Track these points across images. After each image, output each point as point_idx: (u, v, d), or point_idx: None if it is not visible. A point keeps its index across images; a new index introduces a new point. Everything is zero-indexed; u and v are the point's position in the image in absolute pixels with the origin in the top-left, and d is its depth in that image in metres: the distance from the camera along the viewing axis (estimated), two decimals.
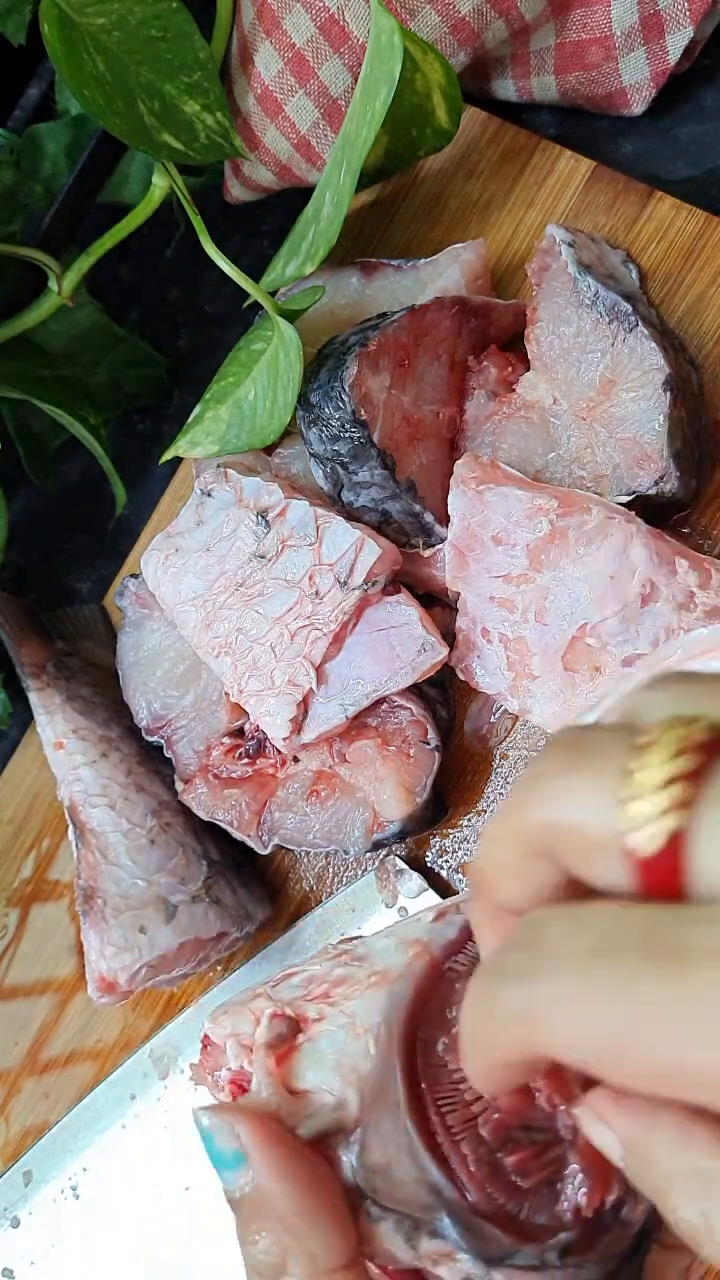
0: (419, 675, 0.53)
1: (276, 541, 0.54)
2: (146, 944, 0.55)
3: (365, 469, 0.53)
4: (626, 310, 0.51)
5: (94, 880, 0.57)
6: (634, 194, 0.58)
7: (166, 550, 0.58)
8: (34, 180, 0.63)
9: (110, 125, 0.54)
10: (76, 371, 0.66)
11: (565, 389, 0.54)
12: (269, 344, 0.55)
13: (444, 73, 0.55)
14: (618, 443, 0.52)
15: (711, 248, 0.57)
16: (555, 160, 0.60)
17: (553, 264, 0.54)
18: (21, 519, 0.73)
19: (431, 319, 0.54)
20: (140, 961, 0.55)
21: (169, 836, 0.59)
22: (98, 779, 0.60)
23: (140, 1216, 0.59)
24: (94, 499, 0.72)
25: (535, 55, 0.60)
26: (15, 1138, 0.64)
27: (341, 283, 0.60)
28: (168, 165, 0.57)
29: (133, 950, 0.55)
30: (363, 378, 0.52)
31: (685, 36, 0.56)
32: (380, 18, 0.50)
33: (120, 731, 0.62)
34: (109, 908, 0.56)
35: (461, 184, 0.62)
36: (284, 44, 0.57)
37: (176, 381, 0.71)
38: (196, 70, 0.55)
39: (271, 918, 0.60)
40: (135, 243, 0.62)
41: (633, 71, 0.58)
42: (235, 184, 0.65)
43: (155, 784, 0.60)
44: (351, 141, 0.53)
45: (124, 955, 0.55)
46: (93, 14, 0.52)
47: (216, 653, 0.56)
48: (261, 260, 0.63)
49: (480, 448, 0.56)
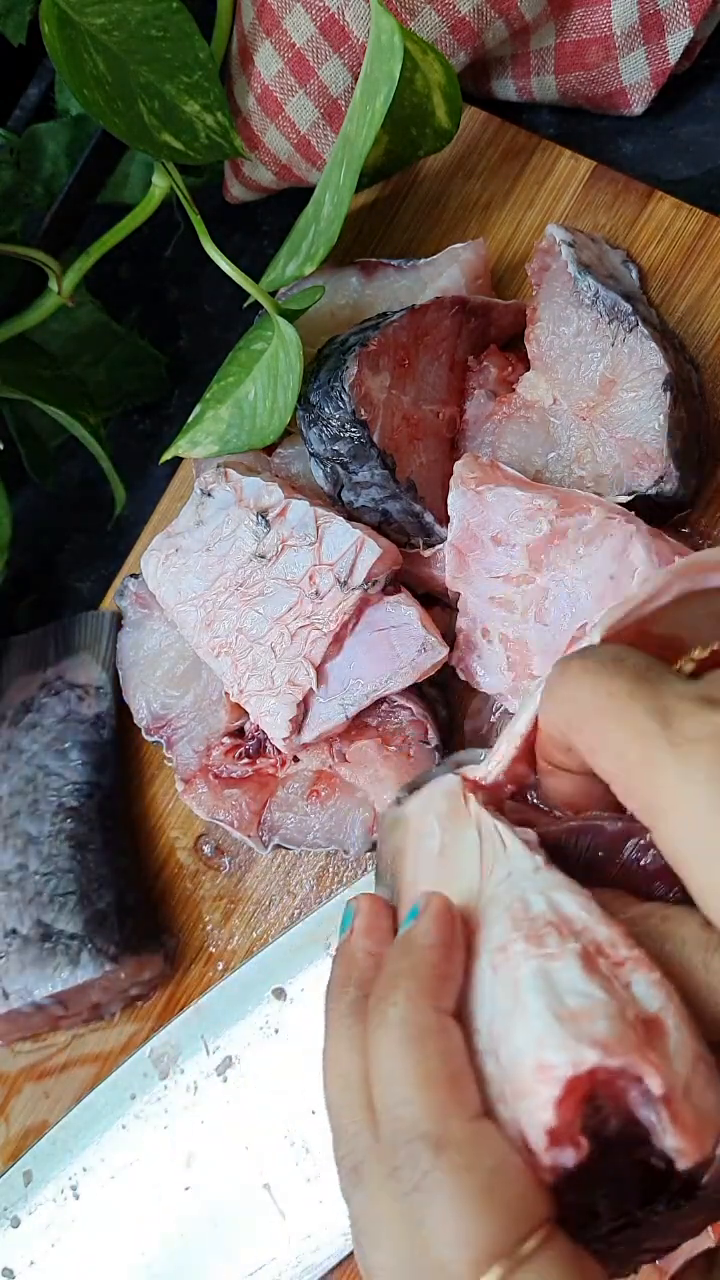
0: (419, 675, 0.53)
1: (276, 541, 0.54)
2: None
3: (365, 469, 0.53)
4: (626, 310, 0.51)
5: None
6: (634, 194, 0.58)
7: (166, 550, 0.58)
8: (34, 180, 0.63)
9: (110, 125, 0.54)
10: (76, 371, 0.66)
11: (565, 389, 0.54)
12: (269, 344, 0.55)
13: (444, 73, 0.55)
14: (618, 443, 0.52)
15: (711, 248, 0.57)
16: (555, 160, 0.60)
17: (553, 264, 0.54)
18: (21, 519, 0.73)
19: (431, 319, 0.54)
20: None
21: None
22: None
23: (140, 1216, 0.59)
24: (94, 499, 0.71)
25: (535, 55, 0.60)
26: (15, 1138, 0.64)
27: (341, 283, 0.60)
28: (168, 165, 0.57)
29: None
30: (363, 378, 0.52)
31: (685, 36, 0.56)
32: (380, 18, 0.50)
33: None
34: None
35: (461, 184, 0.62)
36: (284, 44, 0.57)
37: (176, 381, 0.71)
38: (196, 70, 0.55)
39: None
40: (135, 242, 0.62)
41: (633, 71, 0.58)
42: (235, 184, 0.65)
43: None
44: (351, 141, 0.53)
45: None
46: (93, 14, 0.52)
47: (216, 653, 0.56)
48: (261, 260, 0.63)
49: (480, 448, 0.56)
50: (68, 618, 0.66)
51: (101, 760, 0.62)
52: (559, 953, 0.28)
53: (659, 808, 0.28)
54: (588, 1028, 0.26)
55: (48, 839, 0.60)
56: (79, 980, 0.57)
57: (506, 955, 0.29)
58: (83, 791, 0.61)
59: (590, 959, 0.28)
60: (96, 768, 0.62)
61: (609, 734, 0.29)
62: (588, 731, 0.30)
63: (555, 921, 0.29)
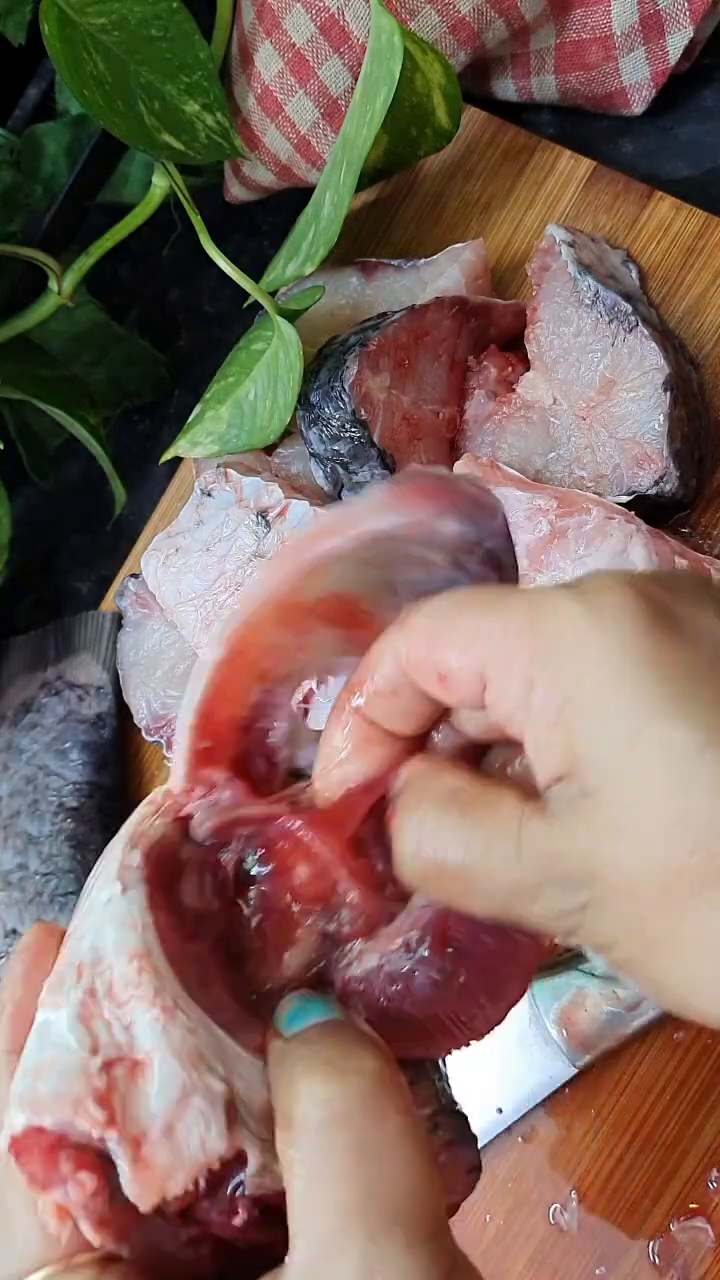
0: None
1: (276, 541, 0.54)
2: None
3: (365, 469, 0.53)
4: (626, 310, 0.51)
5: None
6: (634, 194, 0.58)
7: (166, 550, 0.58)
8: (34, 180, 0.63)
9: (110, 125, 0.54)
10: (76, 371, 0.66)
11: (565, 389, 0.54)
12: (269, 344, 0.55)
13: (444, 73, 0.55)
14: (618, 443, 0.52)
15: (711, 248, 0.57)
16: (555, 160, 0.60)
17: (553, 264, 0.54)
18: (21, 519, 0.73)
19: (431, 319, 0.54)
20: None
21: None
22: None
23: None
24: (94, 499, 0.71)
25: (535, 55, 0.60)
26: None
27: (341, 283, 0.60)
28: (168, 165, 0.57)
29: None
30: (363, 378, 0.52)
31: (685, 36, 0.56)
32: (380, 18, 0.50)
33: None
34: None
35: (461, 184, 0.62)
36: (284, 44, 0.57)
37: (176, 381, 0.71)
38: (196, 70, 0.55)
39: None
40: (135, 242, 0.62)
41: (633, 71, 0.58)
42: (235, 184, 0.65)
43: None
44: (351, 141, 0.53)
45: None
46: (93, 14, 0.52)
47: None
48: (261, 260, 0.63)
49: (480, 448, 0.56)
50: (68, 618, 0.66)
51: (101, 760, 0.62)
52: (64, 1000, 0.28)
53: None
54: (39, 1087, 0.27)
55: (48, 839, 0.60)
56: None
57: (41, 1000, 0.29)
58: (83, 791, 0.61)
59: (90, 1005, 0.28)
60: (96, 768, 0.62)
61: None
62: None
63: (86, 962, 0.29)
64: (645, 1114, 0.51)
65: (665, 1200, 0.50)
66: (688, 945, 0.26)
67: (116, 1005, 0.28)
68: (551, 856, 0.27)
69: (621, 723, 0.26)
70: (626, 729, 0.26)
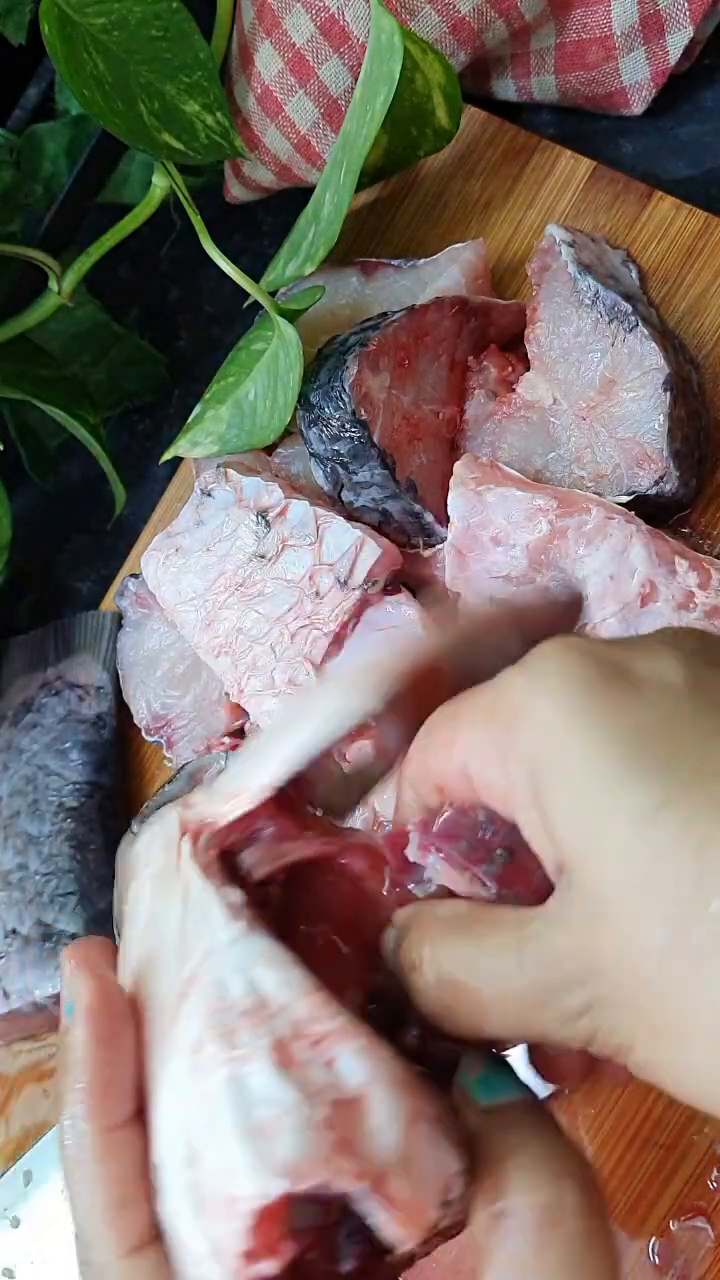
0: None
1: (276, 541, 0.54)
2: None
3: (365, 469, 0.53)
4: (626, 310, 0.51)
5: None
6: (634, 194, 0.58)
7: (166, 550, 0.58)
8: (34, 180, 0.63)
9: (110, 125, 0.54)
10: (76, 371, 0.66)
11: (565, 389, 0.54)
12: (269, 344, 0.55)
13: (444, 73, 0.55)
14: (618, 443, 0.52)
15: (711, 248, 0.57)
16: (555, 160, 0.60)
17: (553, 264, 0.54)
18: (21, 519, 0.73)
19: (431, 319, 0.54)
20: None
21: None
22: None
23: None
24: (94, 499, 0.71)
25: (535, 55, 0.60)
26: (15, 1138, 0.64)
27: (341, 283, 0.60)
28: (168, 165, 0.57)
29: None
30: (363, 378, 0.52)
31: (685, 36, 0.56)
32: (380, 18, 0.50)
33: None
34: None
35: (461, 184, 0.62)
36: (284, 44, 0.57)
37: (176, 381, 0.71)
38: (196, 70, 0.55)
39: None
40: (135, 242, 0.62)
41: (633, 71, 0.58)
42: (235, 184, 0.65)
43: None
44: (351, 141, 0.53)
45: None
46: (93, 14, 0.52)
47: (216, 653, 0.56)
48: (261, 260, 0.63)
49: (480, 448, 0.56)
50: (68, 618, 0.66)
51: (101, 760, 0.62)
52: (250, 1053, 0.26)
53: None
54: (276, 1149, 0.25)
55: (48, 839, 0.60)
56: None
57: (200, 1058, 0.27)
58: (83, 791, 0.61)
59: (284, 1051, 0.26)
60: (96, 768, 0.62)
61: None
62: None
63: (250, 1009, 0.26)
64: (645, 1114, 0.51)
65: (665, 1200, 0.50)
66: (700, 1030, 0.24)
67: (311, 1045, 0.26)
68: (551, 958, 0.26)
69: (580, 789, 0.25)
70: (585, 796, 0.25)
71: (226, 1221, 0.25)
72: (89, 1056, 0.28)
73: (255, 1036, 0.26)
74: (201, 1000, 0.27)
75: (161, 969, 0.29)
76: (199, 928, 0.28)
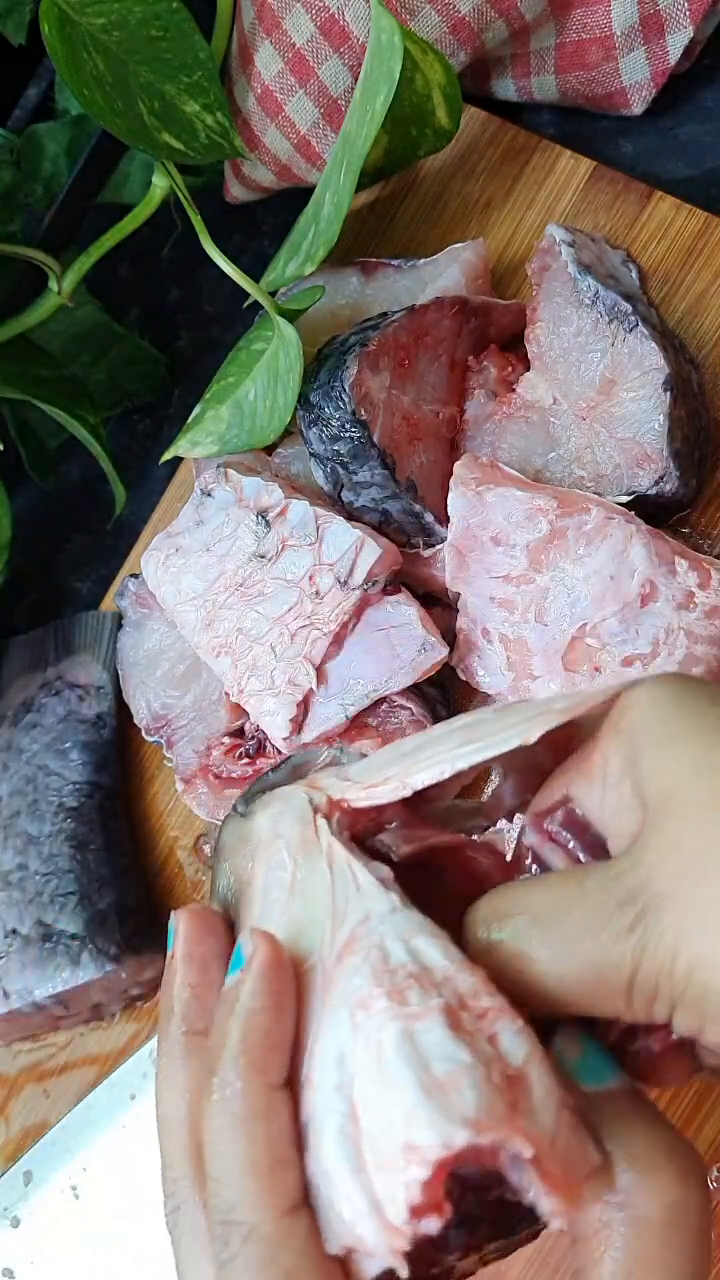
0: (419, 675, 0.53)
1: (276, 541, 0.54)
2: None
3: (365, 469, 0.53)
4: (626, 310, 0.51)
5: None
6: (634, 194, 0.58)
7: (166, 550, 0.58)
8: (34, 180, 0.63)
9: (110, 125, 0.54)
10: (76, 371, 0.66)
11: (565, 389, 0.54)
12: (269, 344, 0.55)
13: (444, 73, 0.55)
14: (618, 443, 0.52)
15: (711, 248, 0.57)
16: (555, 160, 0.60)
17: (553, 264, 0.54)
18: (21, 519, 0.73)
19: (431, 319, 0.54)
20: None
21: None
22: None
23: (140, 1216, 0.59)
24: (94, 499, 0.71)
25: (535, 55, 0.60)
26: (15, 1138, 0.64)
27: (341, 283, 0.60)
28: (168, 165, 0.57)
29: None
30: (363, 378, 0.52)
31: (685, 36, 0.56)
32: (380, 18, 0.50)
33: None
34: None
35: (461, 184, 0.62)
36: (284, 44, 0.57)
37: (176, 381, 0.71)
38: (196, 70, 0.55)
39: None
40: (135, 242, 0.62)
41: (633, 71, 0.58)
42: (235, 184, 0.65)
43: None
44: (351, 141, 0.53)
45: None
46: (93, 14, 0.52)
47: (216, 653, 0.56)
48: (261, 260, 0.63)
49: (480, 448, 0.56)
50: (68, 618, 0.66)
51: (101, 760, 0.62)
52: (422, 1011, 0.26)
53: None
54: (456, 1101, 0.25)
55: (48, 839, 0.60)
56: (80, 980, 0.57)
57: (369, 1012, 0.27)
58: (83, 791, 0.61)
59: (454, 1015, 0.26)
60: (96, 768, 0.62)
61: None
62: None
63: (417, 973, 0.27)
64: None
65: None
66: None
67: (476, 1018, 0.27)
68: (611, 880, 0.28)
69: (673, 748, 0.28)
70: (679, 753, 0.28)
71: (398, 1173, 0.25)
72: (263, 1009, 0.28)
73: (425, 997, 0.27)
74: (364, 960, 0.28)
75: (314, 930, 0.29)
76: (351, 896, 0.29)
